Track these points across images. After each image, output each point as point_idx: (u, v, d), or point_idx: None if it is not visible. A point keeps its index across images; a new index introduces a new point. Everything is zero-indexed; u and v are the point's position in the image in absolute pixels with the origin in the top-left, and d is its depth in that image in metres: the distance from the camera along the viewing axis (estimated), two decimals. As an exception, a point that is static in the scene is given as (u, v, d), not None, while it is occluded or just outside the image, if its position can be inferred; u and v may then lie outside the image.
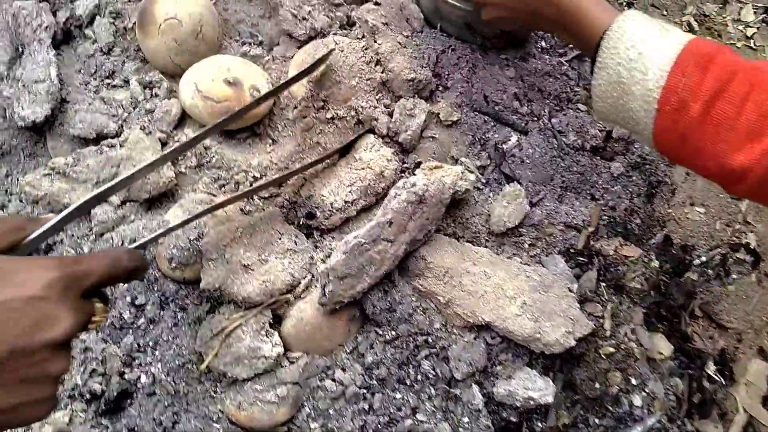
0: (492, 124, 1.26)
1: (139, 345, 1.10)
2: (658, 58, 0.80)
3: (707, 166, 0.80)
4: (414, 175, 1.10)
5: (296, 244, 1.09)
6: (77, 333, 0.59)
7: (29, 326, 0.54)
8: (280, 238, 1.08)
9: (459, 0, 1.19)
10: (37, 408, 0.57)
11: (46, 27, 1.13)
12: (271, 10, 1.27)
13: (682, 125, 0.79)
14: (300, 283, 1.06)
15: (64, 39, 1.19)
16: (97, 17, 1.18)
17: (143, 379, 1.09)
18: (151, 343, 1.10)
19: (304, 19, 1.19)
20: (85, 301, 0.62)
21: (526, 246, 1.22)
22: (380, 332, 1.12)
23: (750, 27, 1.65)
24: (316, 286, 1.07)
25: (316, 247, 1.12)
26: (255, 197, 1.13)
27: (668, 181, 1.43)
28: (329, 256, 1.05)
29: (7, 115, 1.12)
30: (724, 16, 1.66)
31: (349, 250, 1.00)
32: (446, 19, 1.26)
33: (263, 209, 1.09)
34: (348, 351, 1.11)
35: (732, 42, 1.62)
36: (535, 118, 1.31)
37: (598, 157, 1.36)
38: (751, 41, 1.63)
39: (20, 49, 1.13)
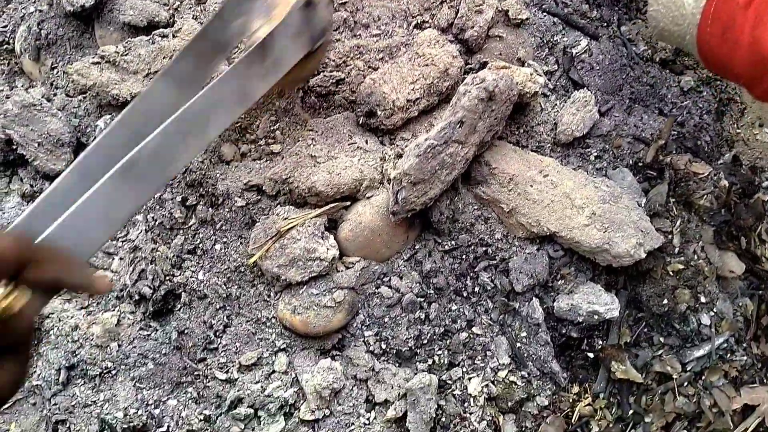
0: (561, 26, 1.18)
1: (190, 246, 1.06)
2: None
3: (741, 58, 0.81)
4: (474, 72, 1.03)
5: (367, 143, 1.03)
6: None
7: None
8: (351, 137, 1.03)
9: None
10: None
11: None
12: None
13: (726, 13, 0.81)
14: (366, 180, 1.01)
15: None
16: None
17: (194, 281, 1.05)
18: (201, 245, 1.06)
19: None
20: None
21: (593, 158, 1.16)
22: (440, 241, 1.07)
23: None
24: (381, 189, 1.02)
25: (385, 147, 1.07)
26: (312, 96, 1.07)
27: (738, 100, 1.35)
28: (400, 157, 1.00)
29: (54, 1, 1.06)
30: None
31: (422, 152, 0.94)
32: None
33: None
34: (405, 258, 1.07)
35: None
36: (605, 24, 1.23)
37: (668, 70, 1.28)
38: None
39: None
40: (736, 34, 0.80)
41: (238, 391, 1.04)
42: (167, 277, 1.06)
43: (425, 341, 1.07)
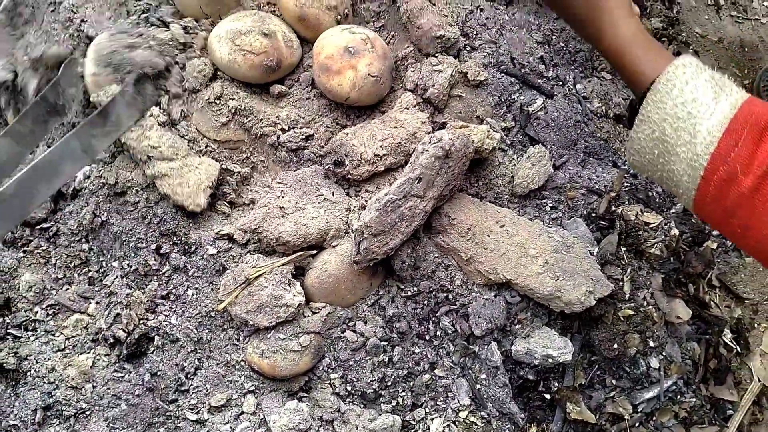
0: (518, 86, 1.26)
1: (163, 292, 1.11)
2: (709, 122, 0.72)
3: (753, 244, 0.73)
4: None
5: (333, 194, 1.10)
6: None
7: None
8: (318, 189, 1.09)
9: None
10: None
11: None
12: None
13: (729, 198, 0.72)
14: (332, 230, 1.07)
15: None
16: (129, -35, 1.18)
17: (167, 325, 1.10)
18: (174, 291, 1.11)
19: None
20: None
21: (548, 209, 1.23)
22: (402, 287, 1.13)
23: (776, 2, 1.64)
24: (346, 238, 1.08)
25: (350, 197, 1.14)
26: (283, 150, 1.14)
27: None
28: (364, 208, 1.06)
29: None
30: (751, -10, 1.65)
31: (381, 206, 1.00)
32: None
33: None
34: (369, 304, 1.13)
35: (757, 18, 1.61)
36: (561, 83, 1.31)
37: (621, 125, 1.36)
38: (777, 16, 1.62)
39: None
40: (744, 219, 0.72)
41: (208, 431, 1.08)
42: (141, 321, 1.10)
43: (389, 383, 1.12)
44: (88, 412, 1.09)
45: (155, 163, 1.06)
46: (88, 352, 1.11)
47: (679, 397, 1.19)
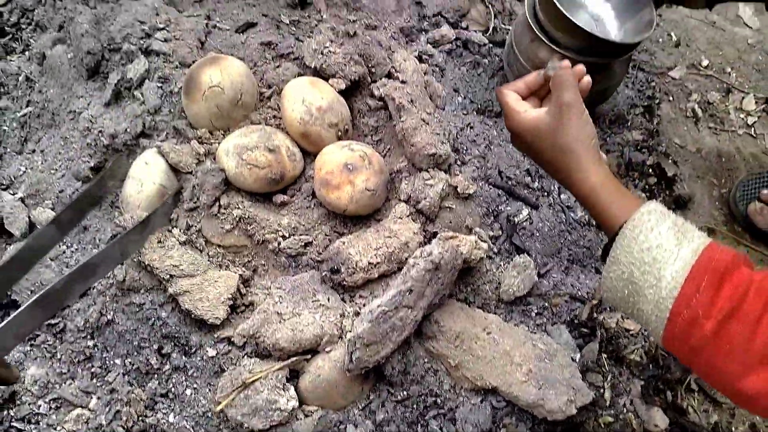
0: (505, 197, 1.34)
1: (163, 390, 1.15)
2: (673, 267, 0.78)
3: (717, 381, 0.77)
4: (430, 244, 1.17)
5: (329, 300, 1.16)
6: None
7: None
8: (314, 295, 1.16)
9: None
10: None
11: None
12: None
13: (694, 339, 0.76)
14: (326, 336, 1.13)
15: (113, 99, 1.28)
16: (146, 81, 1.28)
17: (165, 423, 1.14)
18: (174, 390, 1.16)
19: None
20: None
21: (533, 315, 1.29)
22: (392, 392, 1.18)
23: (751, 116, 1.75)
24: (339, 343, 1.14)
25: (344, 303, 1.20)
26: (282, 256, 1.21)
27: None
28: (357, 315, 1.12)
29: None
30: (726, 104, 1.76)
31: (374, 318, 1.07)
32: None
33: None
34: (360, 408, 1.17)
35: (733, 129, 1.72)
36: (546, 194, 1.40)
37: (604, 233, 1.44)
38: (752, 129, 1.73)
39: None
40: (708, 358, 0.76)
41: None
42: (140, 418, 1.15)
43: (377, 485, 1.15)
44: (83, 507, 1.12)
45: (177, 281, 1.13)
46: (88, 448, 1.15)
47: (659, 504, 1.22)
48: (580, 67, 0.96)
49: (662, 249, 0.79)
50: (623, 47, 1.32)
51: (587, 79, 0.97)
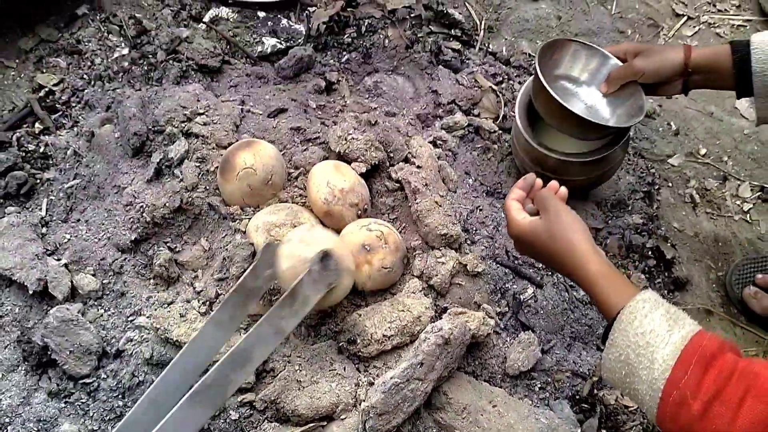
0: (512, 276, 1.44)
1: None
2: (664, 351, 0.86)
3: None
4: (441, 319, 1.26)
5: (345, 370, 1.24)
6: None
7: None
8: (332, 364, 1.24)
9: None
10: None
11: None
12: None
13: (683, 419, 0.84)
14: (342, 404, 1.21)
15: (155, 176, 1.41)
16: (186, 160, 1.41)
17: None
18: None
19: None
20: None
21: (537, 389, 1.36)
22: (401, 459, 1.25)
23: (747, 202, 1.85)
24: (354, 411, 1.21)
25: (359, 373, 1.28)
26: (303, 326, 1.30)
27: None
28: (371, 384, 1.21)
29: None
30: (723, 191, 1.86)
31: (387, 389, 1.15)
32: None
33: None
34: (371, 474, 1.24)
35: (730, 215, 1.82)
36: (550, 273, 1.49)
37: (605, 311, 1.52)
38: (748, 215, 1.82)
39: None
40: None
41: None
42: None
43: None
44: None
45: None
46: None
47: None
48: (554, 184, 1.17)
49: (655, 334, 0.89)
50: (618, 131, 1.46)
51: (563, 190, 1.15)
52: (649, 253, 1.65)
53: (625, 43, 1.66)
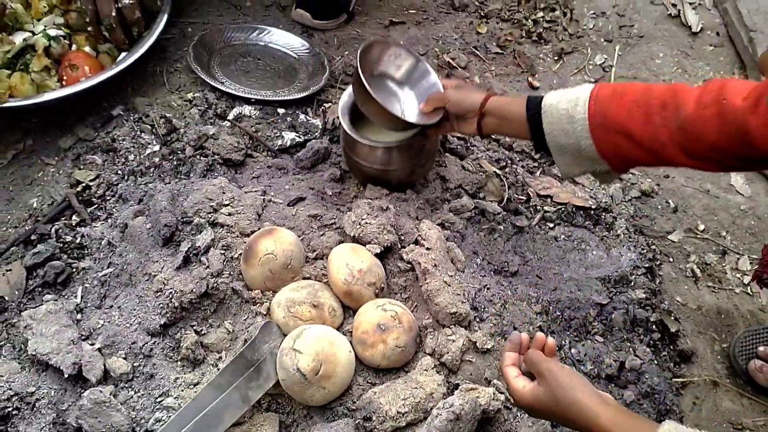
0: (520, 351, 1.50)
1: None
2: None
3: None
4: (452, 395, 1.33)
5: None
6: None
7: None
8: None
9: None
10: None
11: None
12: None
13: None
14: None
15: (183, 263, 1.52)
16: (212, 248, 1.52)
17: None
18: None
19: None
20: None
21: (548, 463, 1.40)
22: None
23: (747, 275, 1.92)
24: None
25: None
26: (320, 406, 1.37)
27: (676, 410, 1.62)
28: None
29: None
30: (723, 265, 1.94)
31: (402, 464, 1.21)
32: None
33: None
34: None
35: (731, 288, 1.89)
36: (558, 347, 1.55)
37: (613, 384, 1.58)
38: (748, 288, 1.89)
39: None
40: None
41: None
42: None
43: None
44: None
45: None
46: None
47: None
48: (539, 338, 1.18)
49: None
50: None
51: (550, 342, 1.18)
52: (654, 326, 1.71)
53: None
